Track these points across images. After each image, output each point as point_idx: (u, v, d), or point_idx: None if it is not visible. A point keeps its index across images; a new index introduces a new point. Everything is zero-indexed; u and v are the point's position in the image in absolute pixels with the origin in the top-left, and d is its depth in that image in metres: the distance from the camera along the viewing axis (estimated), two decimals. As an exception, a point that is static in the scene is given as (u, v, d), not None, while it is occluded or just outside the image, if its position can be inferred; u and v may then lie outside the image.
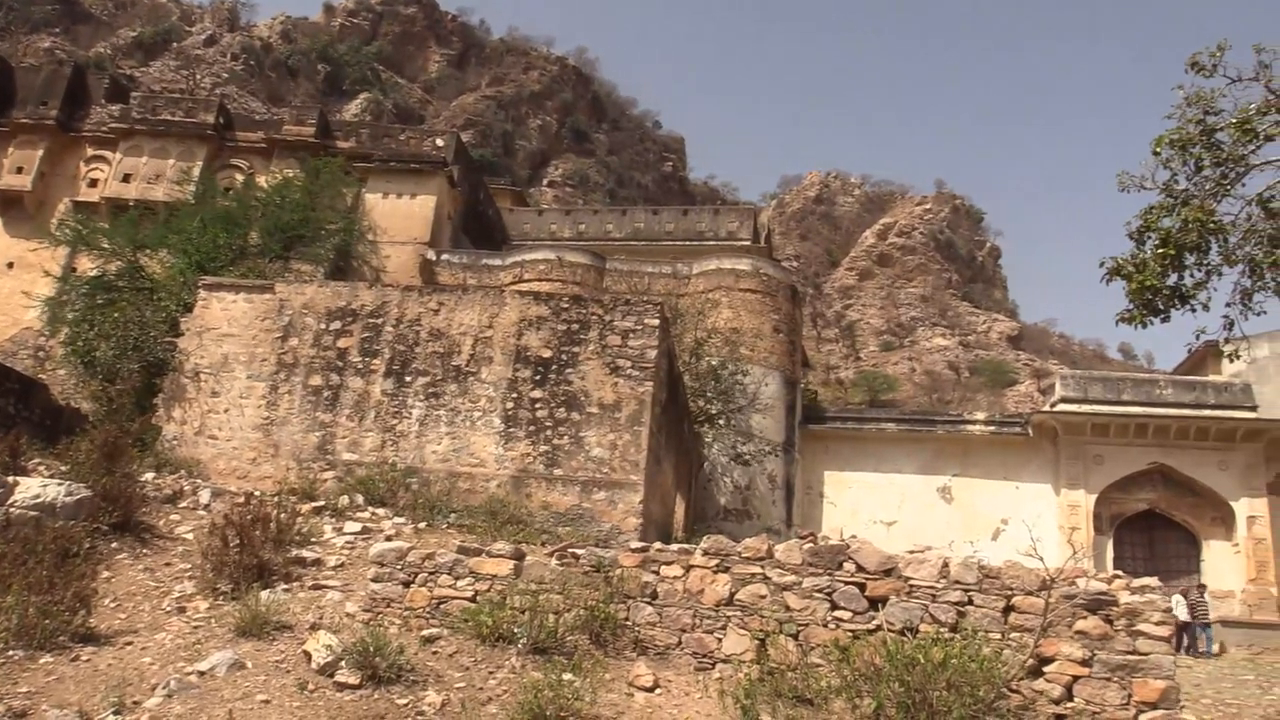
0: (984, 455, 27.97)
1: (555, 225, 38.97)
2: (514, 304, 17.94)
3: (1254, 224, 13.81)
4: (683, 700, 9.32)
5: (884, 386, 53.25)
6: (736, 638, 9.87)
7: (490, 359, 17.41)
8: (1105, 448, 26.67)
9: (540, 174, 68.62)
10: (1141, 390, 27.39)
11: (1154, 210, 13.97)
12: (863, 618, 9.61)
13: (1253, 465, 26.07)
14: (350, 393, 17.47)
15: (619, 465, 16.49)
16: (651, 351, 17.19)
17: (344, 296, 18.37)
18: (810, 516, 27.30)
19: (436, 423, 17.08)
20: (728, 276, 28.38)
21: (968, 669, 8.27)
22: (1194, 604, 22.49)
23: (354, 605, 11.10)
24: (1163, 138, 14.11)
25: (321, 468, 16.90)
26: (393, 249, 30.02)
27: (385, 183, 31.65)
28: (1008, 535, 25.75)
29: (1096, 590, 9.33)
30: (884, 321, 66.67)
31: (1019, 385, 58.64)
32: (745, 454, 25.28)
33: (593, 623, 10.00)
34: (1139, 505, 26.70)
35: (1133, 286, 13.71)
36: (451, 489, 16.39)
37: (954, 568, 9.66)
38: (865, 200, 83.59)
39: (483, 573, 10.63)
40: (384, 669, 9.14)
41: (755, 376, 26.30)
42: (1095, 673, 8.94)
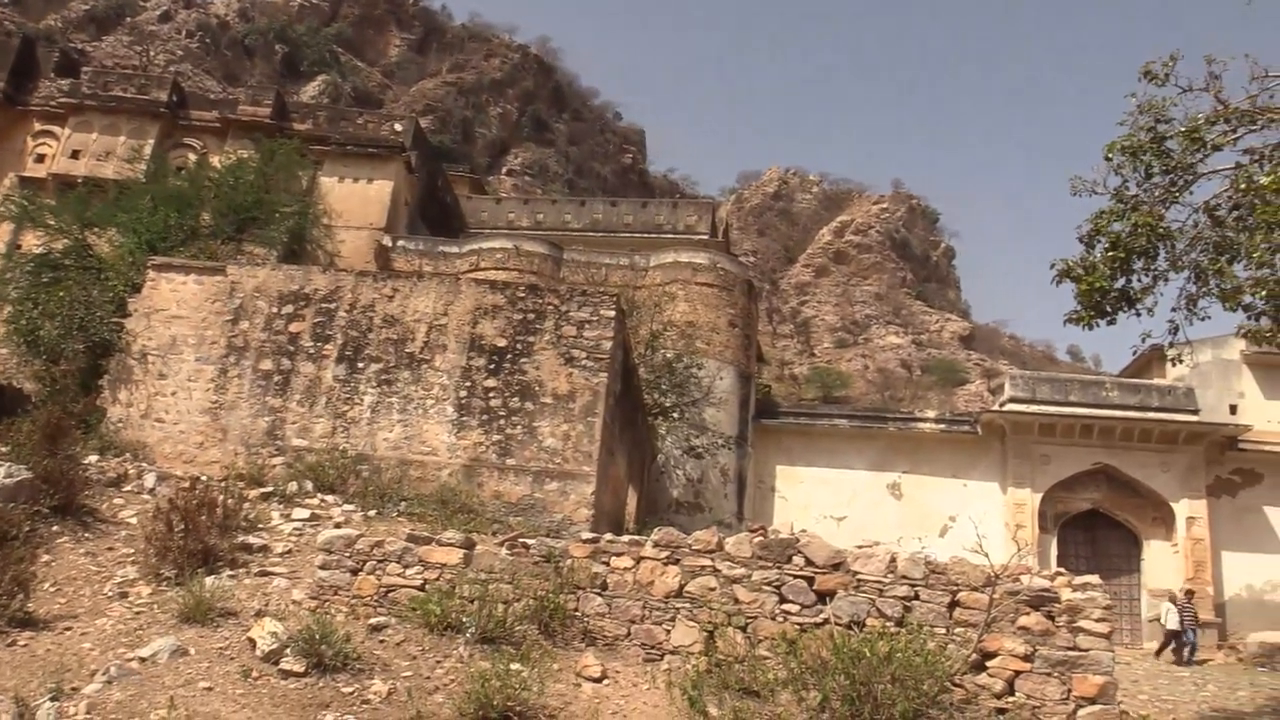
0: (934, 453, 28.30)
1: (513, 214, 38.79)
2: (469, 292, 17.83)
3: (1200, 231, 14.09)
4: (630, 691, 9.35)
5: (837, 383, 53.63)
6: (685, 629, 9.91)
7: (444, 347, 17.29)
8: (1052, 447, 27.10)
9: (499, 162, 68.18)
10: (1088, 392, 27.85)
11: (1104, 215, 14.20)
12: (810, 611, 9.69)
13: (1193, 467, 26.63)
14: (301, 378, 17.27)
15: (572, 456, 16.47)
16: (607, 343, 17.18)
17: (297, 280, 18.14)
18: (761, 510, 27.45)
19: (389, 410, 16.94)
20: (685, 270, 28.43)
21: (912, 663, 8.38)
22: (1183, 609, 22.68)
23: (301, 592, 10.99)
24: (1115, 144, 14.35)
25: (270, 453, 16.70)
26: (348, 234, 29.68)
27: (342, 166, 31.29)
28: (955, 532, 26.08)
29: (1040, 587, 9.49)
30: (839, 319, 67.16)
31: (970, 384, 59.36)
32: (698, 447, 25.36)
33: (542, 613, 10.00)
34: (1083, 505, 27.16)
35: (1082, 288, 13.93)
36: (402, 477, 16.27)
37: (901, 563, 9.77)
38: (823, 198, 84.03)
39: (432, 561, 10.57)
40: (330, 657, 9.06)
41: (710, 370, 26.38)
42: (1037, 668, 9.11)
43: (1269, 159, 13.84)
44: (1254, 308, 13.39)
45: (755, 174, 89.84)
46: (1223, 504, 26.80)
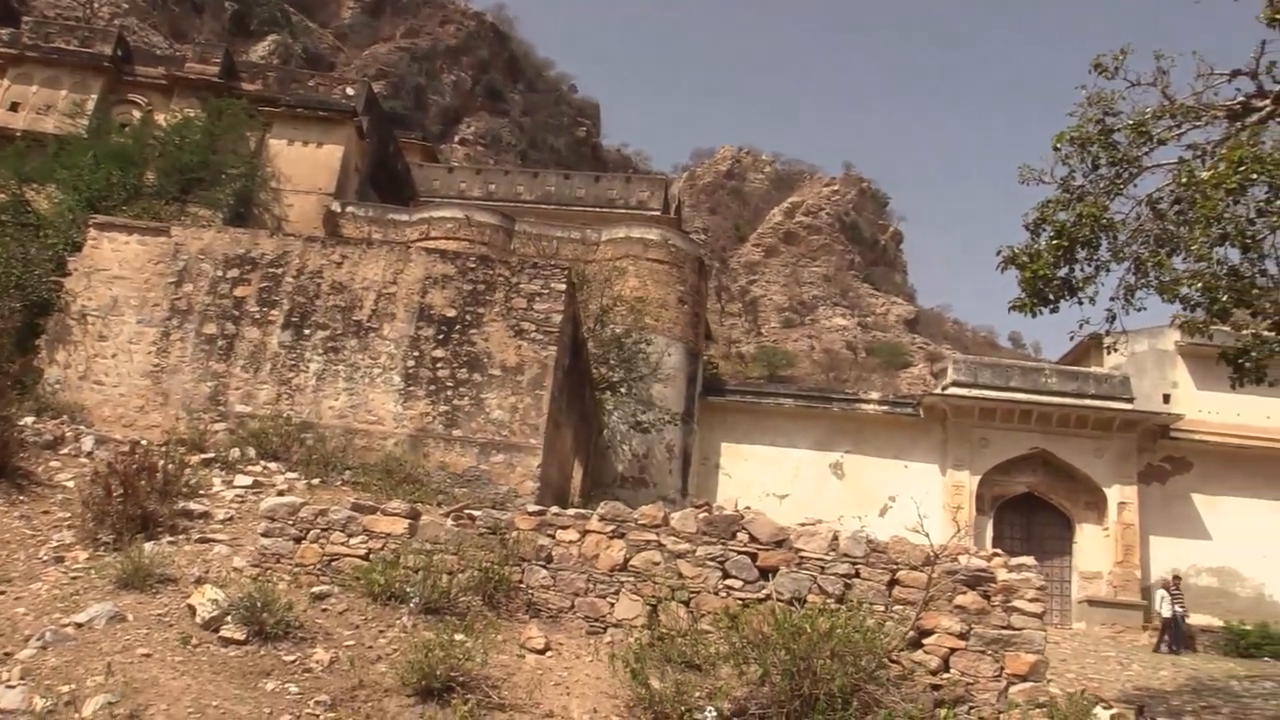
0: (876, 434, 28.70)
1: (465, 183, 38.42)
2: (419, 261, 17.68)
3: (1142, 224, 14.40)
4: (573, 663, 9.42)
5: (783, 362, 54.11)
6: (629, 603, 10.00)
7: (393, 315, 17.15)
8: (991, 431, 27.62)
9: (452, 130, 67.36)
10: (1028, 378, 28.39)
11: (1051, 204, 14.45)
12: (753, 587, 9.83)
13: (1126, 454, 27.31)
14: (246, 343, 17.03)
15: (519, 428, 16.46)
16: (557, 316, 17.16)
17: (243, 244, 17.85)
18: (706, 487, 27.66)
19: (335, 378, 16.78)
20: (636, 245, 28.42)
21: (851, 639, 8.54)
22: (1174, 597, 22.83)
23: (242, 560, 10.89)
24: (1063, 134, 14.59)
25: (213, 419, 16.46)
26: (296, 198, 29.22)
27: (291, 129, 30.73)
28: (895, 512, 26.50)
29: (977, 567, 9.72)
30: (786, 299, 67.60)
31: (913, 367, 60.21)
32: (645, 422, 25.46)
33: (486, 584, 10.02)
34: (1019, 488, 27.75)
35: (1026, 276, 14.18)
36: (348, 446, 16.15)
37: (843, 541, 9.95)
38: (775, 178, 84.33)
39: (377, 531, 10.53)
40: (271, 625, 9.01)
41: (658, 346, 26.45)
42: (971, 645, 9.34)
43: (1210, 155, 14.17)
44: (1189, 300, 13.73)
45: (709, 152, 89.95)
46: (1153, 490, 27.54)
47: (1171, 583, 23.51)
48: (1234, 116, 14.56)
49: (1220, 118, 14.66)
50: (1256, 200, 12.76)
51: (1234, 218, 12.86)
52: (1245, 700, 16.18)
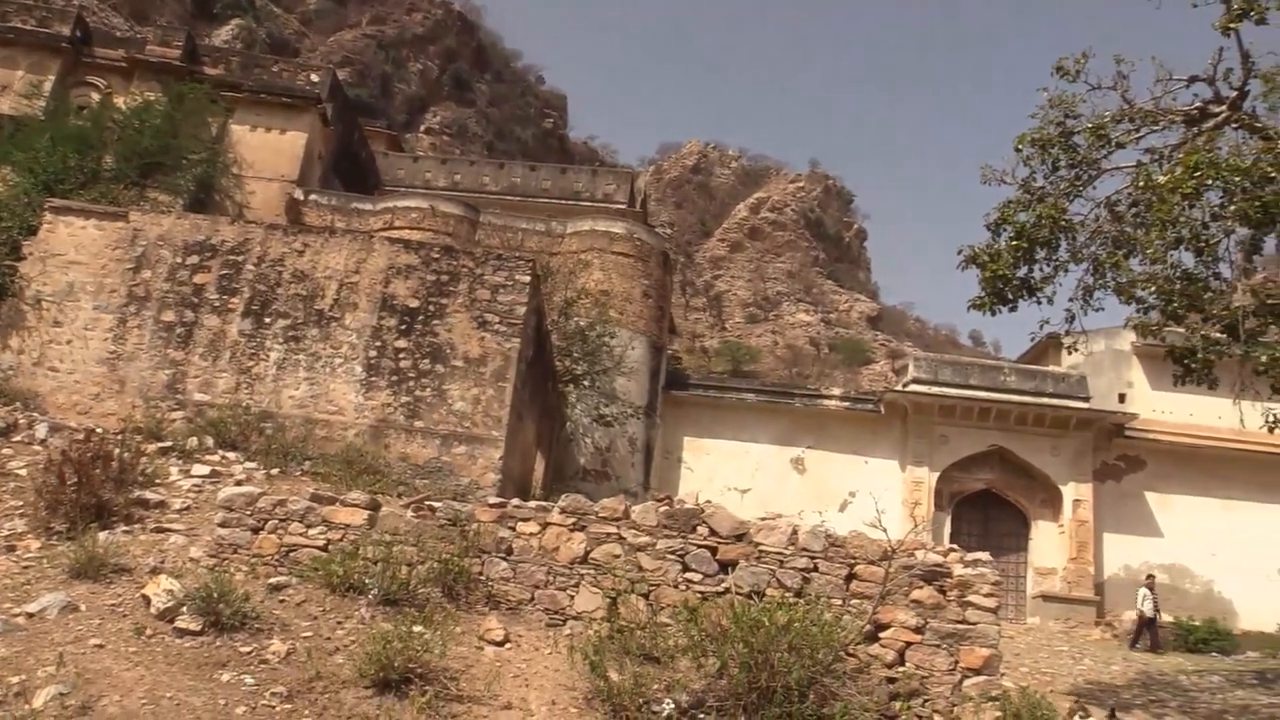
0: (837, 429, 28.89)
1: (430, 173, 38.15)
2: (383, 250, 17.57)
3: (1100, 225, 14.61)
4: (532, 655, 9.43)
5: (746, 357, 54.27)
6: (589, 595, 10.03)
7: (355, 305, 17.04)
8: (950, 428, 27.90)
9: (418, 120, 66.81)
10: (987, 376, 28.69)
11: (1011, 204, 14.63)
12: (713, 580, 9.89)
13: (1082, 452, 27.70)
14: (205, 331, 16.85)
15: (481, 420, 16.43)
16: (521, 308, 17.13)
17: (204, 230, 17.65)
18: (668, 480, 27.72)
19: (295, 367, 16.65)
20: (601, 238, 28.39)
21: (809, 633, 8.62)
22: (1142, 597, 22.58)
23: (199, 550, 10.79)
24: (1025, 136, 14.77)
25: (170, 407, 16.28)
26: (258, 185, 28.84)
27: (254, 115, 30.30)
28: (854, 507, 26.69)
29: (933, 562, 9.84)
30: (751, 294, 67.80)
31: (875, 364, 60.61)
32: (608, 416, 25.45)
33: (446, 576, 10.00)
34: (977, 485, 28.06)
35: (986, 275, 14.35)
36: (308, 436, 16.04)
37: (802, 536, 10.03)
38: (741, 174, 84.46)
39: (336, 522, 10.48)
40: (228, 616, 8.95)
41: (622, 340, 26.45)
42: (927, 640, 9.46)
43: (1168, 159, 14.40)
44: (1145, 301, 13.96)
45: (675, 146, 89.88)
46: (1107, 488, 27.95)
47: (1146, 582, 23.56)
48: (1191, 122, 14.81)
49: (1178, 122, 14.90)
50: (1211, 205, 12.99)
51: (1189, 222, 13.08)
52: (1193, 694, 16.51)
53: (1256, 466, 27.44)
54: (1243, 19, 13.76)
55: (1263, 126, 13.93)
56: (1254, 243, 13.78)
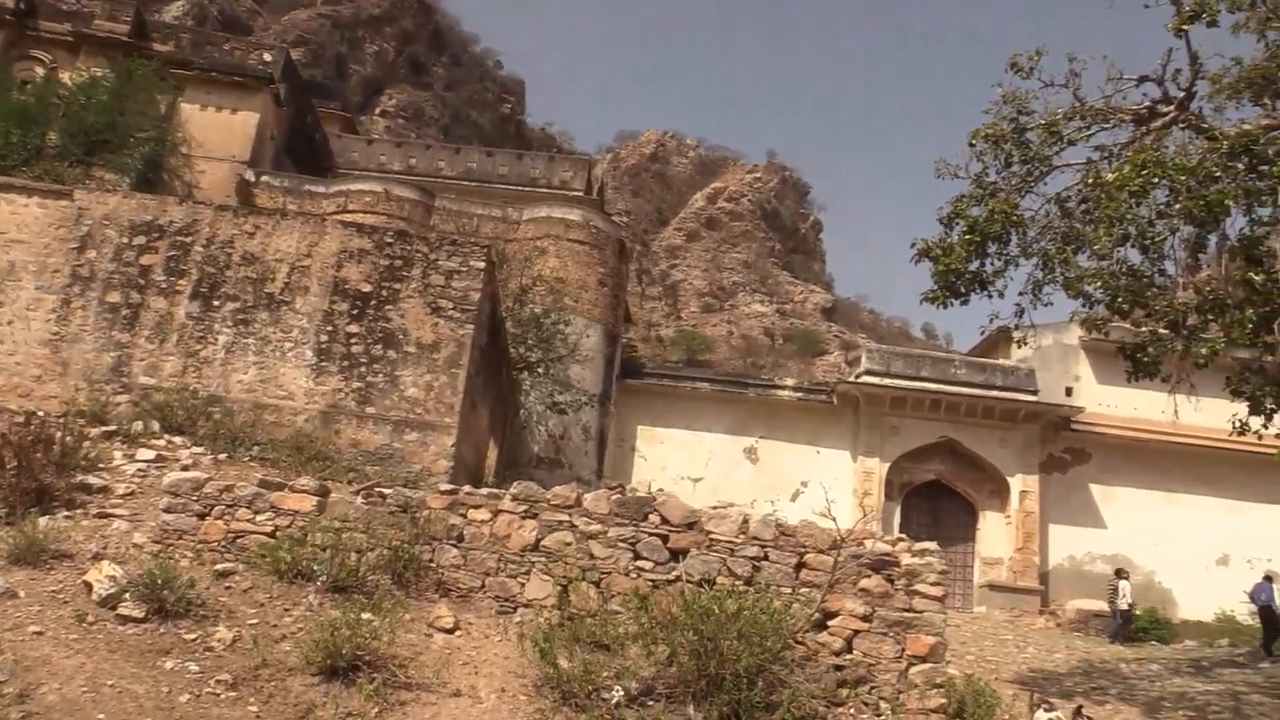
0: (790, 420, 29.08)
1: (385, 157, 37.75)
2: (335, 234, 17.35)
3: (1051, 221, 14.83)
4: (482, 643, 9.40)
5: (701, 347, 54.45)
6: (540, 583, 10.01)
7: (306, 289, 16.82)
8: (901, 419, 28.19)
9: (373, 102, 65.97)
10: (938, 368, 29.03)
11: (964, 199, 14.79)
12: (664, 568, 9.91)
13: (1029, 444, 28.15)
14: (151, 313, 16.55)
15: (433, 407, 16.32)
16: (475, 294, 17.02)
17: (151, 210, 17.31)
18: (621, 469, 27.74)
19: (244, 351, 16.41)
20: (558, 225, 28.28)
21: (758, 621, 8.68)
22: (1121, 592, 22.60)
23: (143, 536, 10.61)
24: (979, 131, 14.94)
25: (115, 390, 15.98)
26: (208, 165, 28.36)
27: (205, 94, 29.81)
28: (806, 497, 26.90)
29: (881, 552, 9.95)
30: (706, 284, 67.95)
31: (828, 355, 61.08)
32: (562, 403, 25.41)
33: (396, 563, 9.93)
34: (927, 475, 28.41)
35: (939, 268, 14.51)
36: (256, 420, 15.82)
37: (753, 525, 10.08)
38: (699, 163, 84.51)
39: (284, 508, 10.36)
40: (172, 603, 8.82)
41: (577, 327, 26.40)
42: (874, 628, 9.56)
43: (1117, 157, 14.63)
44: (1092, 296, 14.19)
45: (633, 134, 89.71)
46: (1054, 480, 28.44)
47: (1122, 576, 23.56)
48: (1140, 121, 15.06)
49: (1127, 121, 15.16)
50: (1157, 203, 13.22)
51: (1136, 219, 13.31)
52: (1132, 682, 16.88)
53: (1198, 460, 28.06)
54: (1194, 21, 14.02)
55: (1208, 127, 14.21)
56: (1198, 241, 14.06)
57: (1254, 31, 15.04)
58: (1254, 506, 28.44)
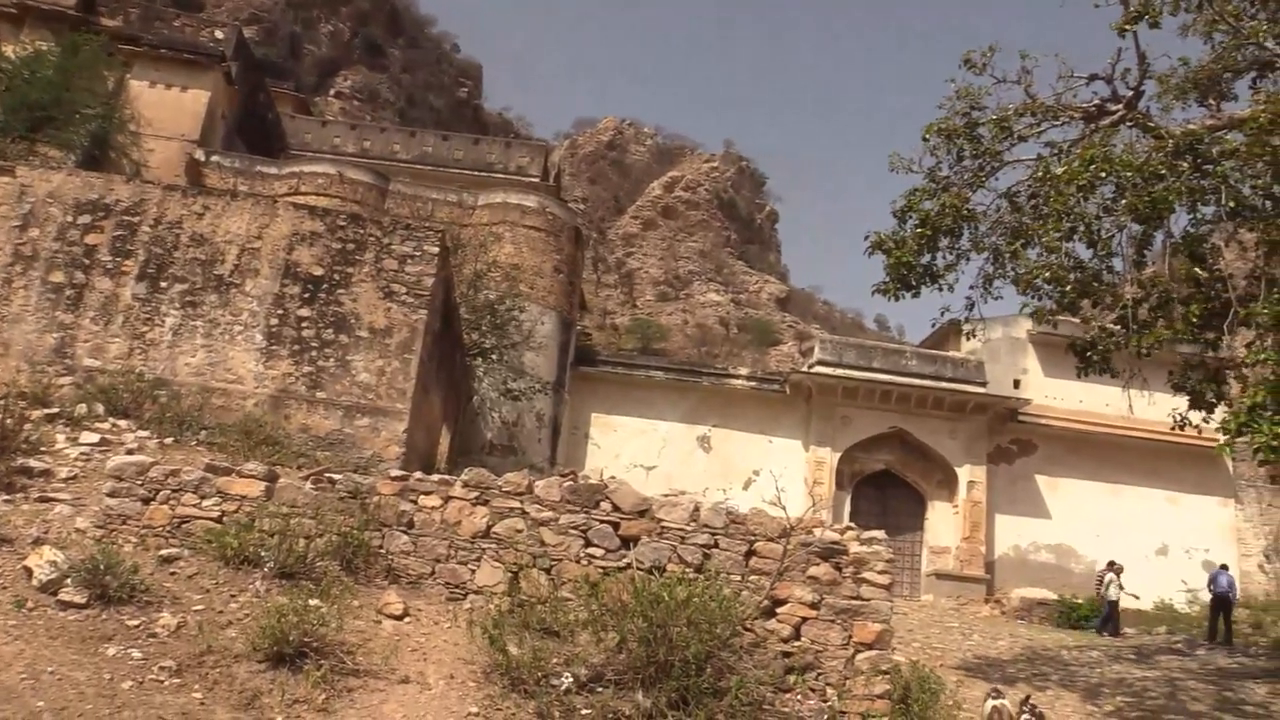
0: (743, 409, 29.25)
1: (339, 139, 37.29)
2: (287, 216, 17.12)
3: (1001, 216, 15.05)
4: (432, 629, 9.37)
5: (656, 335, 54.54)
6: (490, 570, 10.00)
7: (256, 271, 16.58)
8: (853, 410, 28.47)
9: (327, 83, 65.08)
10: (889, 359, 29.34)
11: (917, 193, 14.95)
12: (614, 555, 9.95)
13: (977, 436, 28.57)
14: (97, 294, 16.22)
15: (385, 392, 16.18)
16: (429, 279, 16.89)
17: (97, 189, 16.95)
18: (574, 456, 27.74)
19: (192, 333, 16.15)
20: (513, 211, 28.14)
21: (707, 608, 8.74)
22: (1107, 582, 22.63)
23: (85, 521, 10.43)
24: (932, 126, 15.10)
25: (58, 372, 15.65)
26: (157, 143, 27.80)
27: (154, 71, 29.18)
28: (758, 486, 27.08)
29: (830, 540, 10.06)
30: (662, 272, 68.02)
31: (782, 345, 61.47)
32: (516, 390, 25.33)
33: (345, 549, 9.86)
34: (877, 465, 28.74)
35: (891, 261, 14.66)
36: (204, 404, 15.58)
37: (704, 512, 10.14)
38: (656, 152, 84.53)
39: (231, 493, 10.23)
40: (115, 588, 8.69)
41: (532, 314, 26.32)
42: (822, 615, 9.68)
43: (1066, 154, 14.87)
44: (1040, 290, 14.42)
45: (591, 121, 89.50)
46: (1000, 470, 28.91)
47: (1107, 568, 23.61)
48: (1089, 118, 15.32)
49: (1077, 118, 15.41)
50: (1105, 199, 13.46)
51: (1084, 215, 13.53)
52: (1074, 668, 17.23)
53: (1140, 452, 28.68)
54: (1138, 21, 14.26)
55: (1155, 126, 14.48)
56: (1143, 237, 14.34)
57: (1201, 34, 15.36)
58: (1191, 498, 29.20)
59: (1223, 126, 13.84)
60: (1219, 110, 14.98)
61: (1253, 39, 14.35)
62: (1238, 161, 12.54)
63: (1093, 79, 15.11)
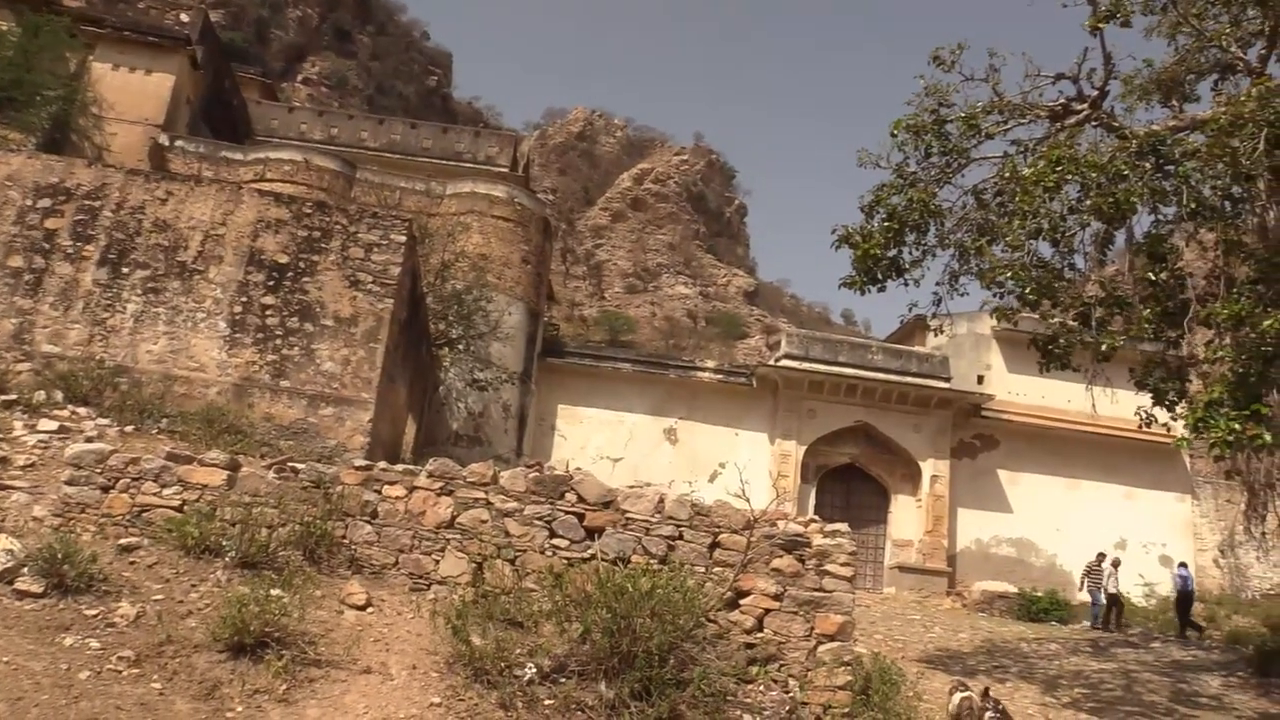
0: (710, 401, 29.32)
1: (306, 125, 36.87)
2: (252, 203, 16.95)
3: (967, 212, 15.18)
4: (395, 620, 9.33)
5: (624, 327, 54.59)
6: (455, 560, 9.97)
7: (220, 258, 16.41)
8: (819, 403, 28.62)
9: (295, 69, 64.41)
10: (855, 354, 29.52)
11: (885, 188, 15.05)
12: (579, 547, 9.95)
13: (941, 430, 28.83)
14: (56, 279, 15.99)
15: (350, 382, 16.09)
16: (395, 268, 16.80)
17: (57, 172, 16.70)
18: (540, 448, 27.71)
19: (154, 320, 15.97)
20: (482, 201, 28.01)
21: (671, 599, 8.76)
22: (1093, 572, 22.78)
23: (43, 509, 10.29)
24: (900, 122, 15.20)
25: (16, 358, 15.41)
26: (120, 127, 27.39)
27: (118, 53, 28.71)
28: (724, 478, 27.09)
29: (794, 532, 10.11)
30: (631, 264, 68.04)
31: (750, 338, 61.75)
32: (482, 381, 25.26)
33: (308, 539, 9.78)
34: (842, 458, 28.91)
35: (858, 255, 14.76)
36: (166, 392, 15.42)
37: (669, 504, 10.16)
38: (626, 143, 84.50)
39: (193, 482, 10.12)
40: (73, 578, 8.57)
41: (499, 305, 26.23)
42: (785, 607, 9.73)
43: (1032, 152, 15.02)
44: (1004, 287, 14.57)
45: (562, 112, 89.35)
46: (963, 465, 29.19)
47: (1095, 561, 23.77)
48: (1055, 117, 15.48)
49: (1043, 117, 15.57)
50: (1069, 199, 13.61)
51: (1049, 213, 13.67)
52: (1032, 660, 17.47)
53: (1100, 448, 29.07)
54: (1109, 20, 14.43)
55: (1119, 126, 14.66)
56: (1106, 237, 14.52)
57: (1165, 36, 15.55)
58: (1147, 493, 29.68)
59: (1185, 127, 14.04)
60: (1181, 111, 15.20)
61: (1215, 42, 14.57)
62: (1199, 162, 12.72)
63: (1059, 78, 15.28)
